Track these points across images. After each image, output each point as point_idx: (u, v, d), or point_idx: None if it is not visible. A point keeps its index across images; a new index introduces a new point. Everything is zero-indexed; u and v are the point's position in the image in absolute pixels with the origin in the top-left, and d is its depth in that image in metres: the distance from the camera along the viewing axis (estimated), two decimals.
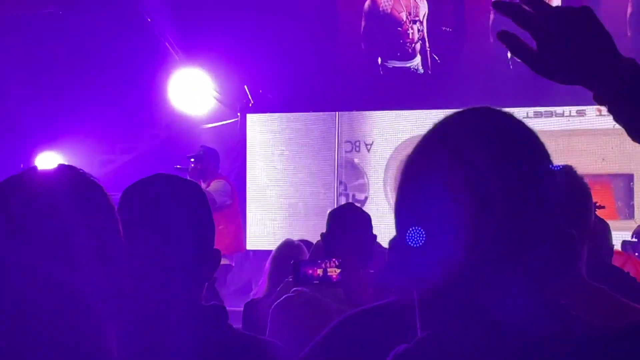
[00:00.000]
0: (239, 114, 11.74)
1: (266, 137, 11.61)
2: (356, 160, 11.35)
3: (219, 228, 8.27)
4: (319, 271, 3.73)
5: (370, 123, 11.41)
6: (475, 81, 10.90)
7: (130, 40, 11.12)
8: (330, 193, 11.24)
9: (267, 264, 5.19)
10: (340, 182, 11.31)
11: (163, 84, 11.23)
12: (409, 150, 1.45)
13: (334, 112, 11.47)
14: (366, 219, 4.12)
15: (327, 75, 11.35)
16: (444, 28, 11.37)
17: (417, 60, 11.39)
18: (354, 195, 11.23)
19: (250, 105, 11.69)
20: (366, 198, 11.14)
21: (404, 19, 11.37)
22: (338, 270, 3.72)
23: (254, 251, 10.82)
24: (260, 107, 11.70)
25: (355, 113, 11.48)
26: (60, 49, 10.98)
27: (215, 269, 2.17)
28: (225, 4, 11.13)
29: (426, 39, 11.35)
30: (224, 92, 11.53)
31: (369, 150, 11.33)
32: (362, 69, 11.57)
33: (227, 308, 2.20)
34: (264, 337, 2.34)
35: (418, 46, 11.39)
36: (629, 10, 10.82)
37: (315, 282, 3.75)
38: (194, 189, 2.24)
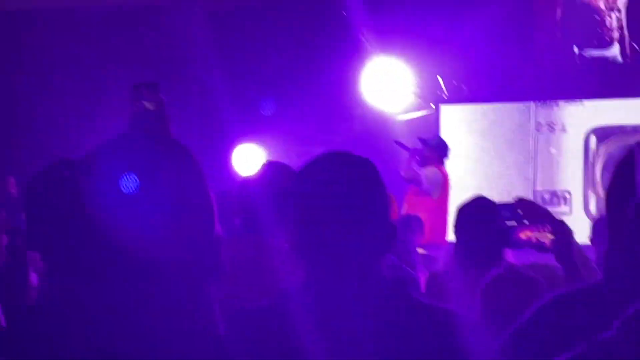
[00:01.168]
0: (433, 105, 11.75)
1: (460, 128, 11.56)
2: (553, 150, 11.16)
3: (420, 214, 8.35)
4: (531, 235, 3.53)
5: (566, 112, 11.19)
6: None
7: (325, 33, 11.33)
8: (528, 184, 11.09)
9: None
10: (536, 174, 11.15)
11: (358, 76, 11.38)
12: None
13: (529, 102, 11.31)
14: None
15: (522, 64, 11.21)
16: None
17: (616, 49, 11.09)
18: (552, 190, 11.03)
19: (445, 96, 11.68)
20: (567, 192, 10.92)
21: (602, 7, 11.09)
22: (550, 236, 3.50)
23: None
24: (454, 98, 11.67)
25: (550, 103, 11.28)
26: (257, 44, 11.30)
27: (390, 243, 2.26)
28: None
29: (625, 28, 11.03)
30: (418, 84, 11.55)
31: (564, 140, 11.13)
32: (557, 58, 11.37)
33: None
34: (444, 305, 2.35)
35: (616, 34, 11.09)
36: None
37: (526, 246, 3.57)
38: (369, 166, 2.30)
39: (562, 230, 3.47)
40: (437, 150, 9.42)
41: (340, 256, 2.18)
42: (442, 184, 9.26)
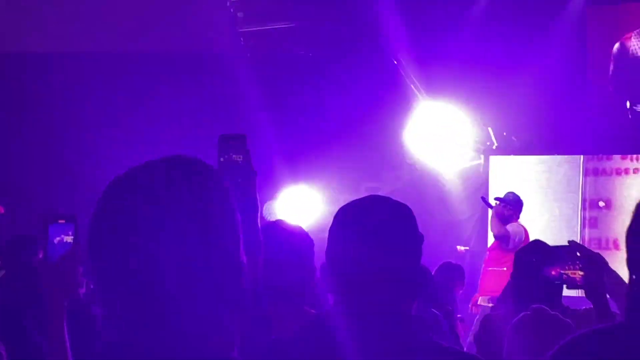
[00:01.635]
0: (482, 156, 11.74)
1: (509, 179, 11.52)
2: (601, 203, 11.07)
3: (502, 269, 8.55)
4: (562, 271, 3.62)
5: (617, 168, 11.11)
6: None
7: (376, 80, 11.40)
8: (574, 236, 10.99)
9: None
10: (584, 225, 11.06)
11: (407, 125, 11.43)
12: None
13: (578, 156, 11.26)
14: None
15: (573, 117, 11.18)
16: None
17: None
18: (598, 238, 10.94)
19: (494, 147, 11.67)
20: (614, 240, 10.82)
21: None
22: (581, 273, 3.58)
23: None
24: (504, 150, 11.65)
25: (601, 156, 11.22)
26: (308, 90, 11.40)
27: (420, 289, 2.28)
28: (466, 47, 11.20)
29: None
30: (468, 134, 11.56)
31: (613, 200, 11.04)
32: (609, 112, 11.32)
33: None
34: (461, 350, 2.37)
35: None
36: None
37: (557, 282, 3.66)
38: (406, 212, 2.34)
39: (593, 266, 3.50)
40: (516, 206, 9.70)
41: (372, 298, 2.22)
42: (525, 239, 9.39)
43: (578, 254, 3.61)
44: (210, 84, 11.55)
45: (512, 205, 9.67)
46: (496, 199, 9.86)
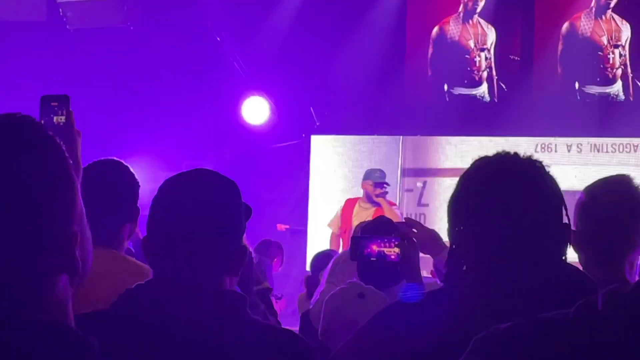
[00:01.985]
0: (303, 135, 11.82)
1: (330, 158, 11.66)
2: (418, 184, 11.35)
3: None
4: (377, 248, 3.64)
5: (434, 149, 11.40)
6: (542, 111, 10.85)
7: (198, 58, 11.31)
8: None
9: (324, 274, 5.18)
10: (402, 203, 11.31)
11: (230, 103, 11.38)
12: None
13: (398, 136, 11.49)
14: None
15: (393, 99, 11.38)
16: (511, 57, 11.31)
17: (484, 87, 11.35)
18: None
19: (316, 126, 11.77)
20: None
21: (472, 47, 11.35)
22: (397, 250, 3.62)
23: None
24: (326, 129, 11.76)
25: (419, 137, 11.49)
26: (129, 65, 11.20)
27: (238, 265, 2.25)
28: (294, 26, 11.26)
29: (493, 67, 11.32)
30: (290, 114, 11.62)
31: (430, 175, 11.33)
32: (428, 95, 11.59)
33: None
34: (280, 327, 2.36)
35: (485, 74, 11.36)
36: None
37: (372, 259, 3.68)
38: (231, 187, 2.30)
39: (408, 244, 3.59)
40: None
41: (186, 271, 2.18)
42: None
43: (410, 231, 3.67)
44: (27, 55, 11.21)
45: None
46: None
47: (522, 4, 11.42)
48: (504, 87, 11.25)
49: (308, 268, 11.12)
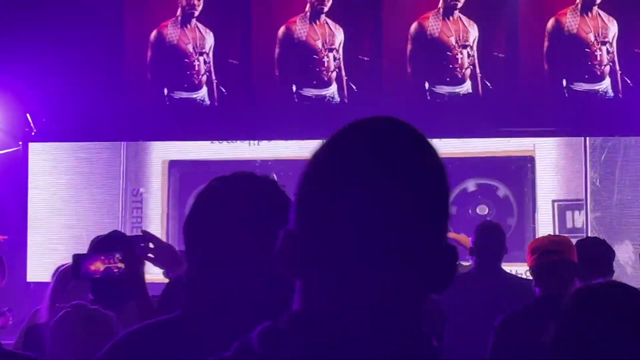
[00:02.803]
0: (20, 142, 11.44)
1: (50, 166, 11.36)
2: (142, 189, 11.29)
3: None
4: (103, 265, 3.49)
5: (156, 154, 11.36)
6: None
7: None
8: (116, 222, 11.09)
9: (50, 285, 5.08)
10: (125, 211, 11.20)
11: None
12: None
13: (119, 142, 11.35)
14: None
15: (113, 104, 11.21)
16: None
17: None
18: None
19: (33, 133, 11.42)
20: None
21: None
22: (121, 265, 3.48)
23: (35, 283, 10.51)
24: (44, 136, 11.43)
25: (141, 143, 11.40)
26: None
27: None
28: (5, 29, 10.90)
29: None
30: (6, 120, 11.23)
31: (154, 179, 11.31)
32: (147, 100, 11.49)
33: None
34: (27, 354, 2.28)
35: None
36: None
37: (96, 276, 3.55)
38: None
39: (132, 257, 3.48)
40: None
41: None
42: None
43: (144, 244, 3.57)
44: None
45: None
46: None
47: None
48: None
49: (29, 279, 10.87)
